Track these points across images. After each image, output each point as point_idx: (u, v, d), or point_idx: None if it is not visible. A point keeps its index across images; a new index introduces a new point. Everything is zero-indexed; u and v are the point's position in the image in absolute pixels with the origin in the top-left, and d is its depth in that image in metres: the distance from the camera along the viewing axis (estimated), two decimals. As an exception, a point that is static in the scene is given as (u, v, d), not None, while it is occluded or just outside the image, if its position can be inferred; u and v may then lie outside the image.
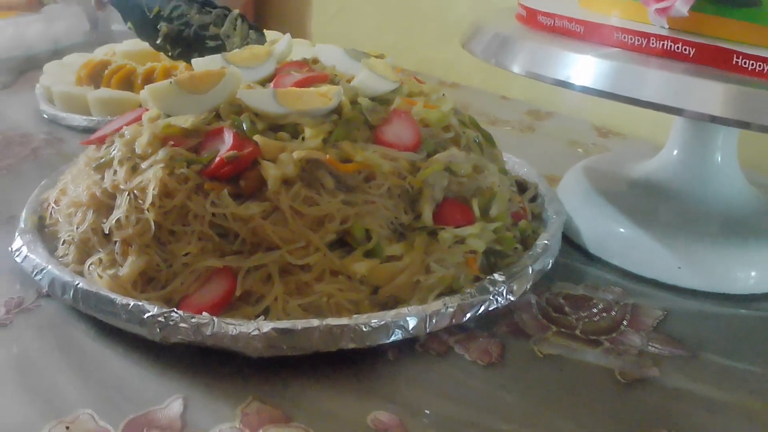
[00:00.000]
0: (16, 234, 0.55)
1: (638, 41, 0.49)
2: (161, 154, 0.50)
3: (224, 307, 0.46)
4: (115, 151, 0.53)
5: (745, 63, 0.44)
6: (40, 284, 0.50)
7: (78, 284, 0.47)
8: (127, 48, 0.97)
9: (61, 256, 0.52)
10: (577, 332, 0.49)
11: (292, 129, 0.52)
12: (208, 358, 0.44)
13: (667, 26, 0.50)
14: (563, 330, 0.49)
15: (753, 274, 0.54)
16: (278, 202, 0.47)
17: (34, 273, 0.50)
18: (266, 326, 0.43)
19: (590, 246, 0.60)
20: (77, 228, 0.51)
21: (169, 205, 0.48)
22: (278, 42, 0.68)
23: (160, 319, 0.43)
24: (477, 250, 0.50)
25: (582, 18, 0.54)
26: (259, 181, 0.48)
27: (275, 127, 0.52)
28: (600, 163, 0.71)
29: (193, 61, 0.64)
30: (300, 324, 0.43)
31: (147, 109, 0.58)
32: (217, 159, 0.49)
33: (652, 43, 0.48)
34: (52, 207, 0.57)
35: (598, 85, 0.49)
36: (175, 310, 0.43)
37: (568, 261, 0.58)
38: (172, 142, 0.51)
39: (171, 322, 0.43)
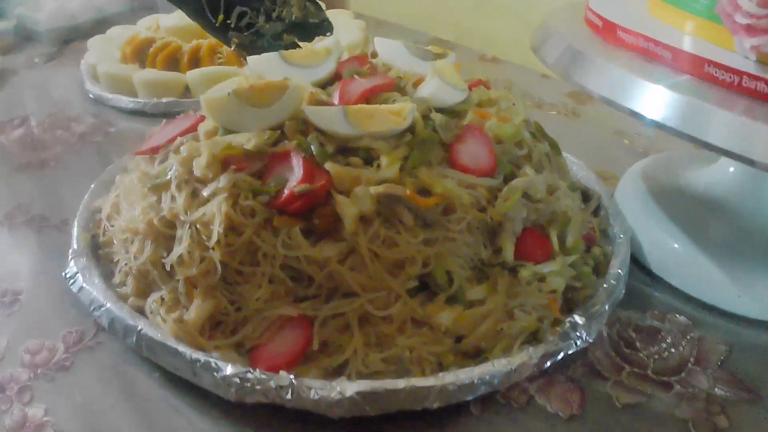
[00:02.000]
0: (70, 256, 0.45)
1: (729, 78, 0.39)
2: (223, 181, 0.41)
3: (300, 359, 0.37)
4: (171, 171, 0.44)
5: None
6: (99, 320, 0.42)
7: (141, 330, 0.38)
8: (172, 23, 0.83)
9: (119, 285, 0.44)
10: (650, 372, 0.41)
11: (365, 153, 0.42)
12: (285, 415, 0.36)
13: (754, 59, 0.40)
14: (636, 370, 0.41)
15: None
16: (356, 244, 0.38)
17: (92, 308, 0.41)
18: (349, 389, 0.35)
19: (653, 265, 0.51)
20: (135, 258, 0.43)
21: (237, 243, 0.39)
22: (324, 40, 0.57)
23: (235, 380, 0.35)
24: (558, 289, 0.42)
25: (670, 43, 0.43)
26: (333, 218, 0.39)
27: (346, 149, 0.43)
28: (656, 168, 0.60)
29: (250, 59, 0.53)
30: (384, 385, 0.35)
31: (202, 116, 0.49)
32: (287, 192, 0.39)
33: (745, 83, 0.38)
34: (105, 224, 0.48)
35: (675, 124, 0.40)
36: (251, 370, 0.35)
37: (634, 282, 0.49)
38: (233, 166, 0.42)
39: (247, 384, 0.35)
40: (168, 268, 0.41)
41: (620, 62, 0.44)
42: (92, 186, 0.54)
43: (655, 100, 0.40)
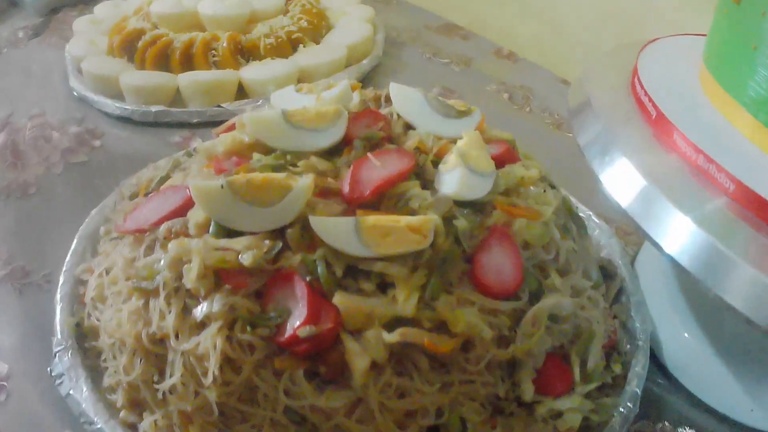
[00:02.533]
0: (54, 348, 0.41)
1: None
2: (218, 304, 0.35)
3: None
4: (159, 278, 0.38)
5: None
6: None
7: None
8: (163, 10, 0.73)
9: (108, 391, 0.39)
10: None
11: (378, 277, 0.37)
12: None
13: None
14: None
15: None
16: (365, 395, 0.34)
17: (82, 420, 0.38)
18: None
19: (670, 365, 0.47)
20: (125, 373, 0.38)
21: (234, 381, 0.35)
22: (334, 88, 0.49)
23: None
24: (574, 426, 0.38)
25: (737, 176, 0.36)
26: (341, 365, 0.35)
27: (356, 270, 0.37)
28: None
29: (249, 120, 0.46)
30: None
31: (189, 192, 0.42)
32: (290, 331, 0.34)
33: None
34: (89, 309, 0.43)
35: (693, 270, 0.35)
36: None
37: (649, 384, 0.44)
38: (228, 286, 0.37)
39: None
40: (161, 395, 0.36)
41: (654, 174, 0.38)
42: (74, 243, 0.48)
43: (678, 232, 0.35)
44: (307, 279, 0.36)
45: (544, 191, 0.44)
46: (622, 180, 0.40)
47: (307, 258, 0.36)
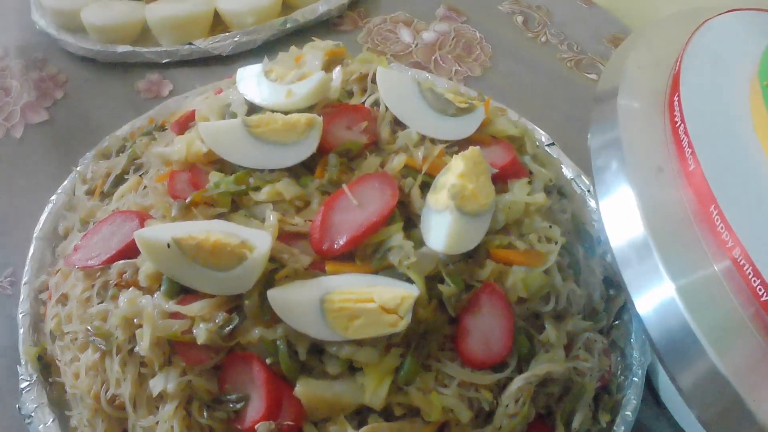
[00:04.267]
0: (21, 382, 0.36)
1: None
2: (172, 384, 0.30)
3: None
4: (113, 338, 0.32)
5: None
6: None
7: None
8: None
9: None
10: None
11: (345, 362, 0.30)
12: None
13: None
14: None
15: None
16: (329, 497, 0.30)
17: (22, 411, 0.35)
18: None
19: (663, 395, 0.41)
20: (90, 427, 0.33)
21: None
22: (309, 80, 0.37)
23: None
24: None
25: (748, 249, 0.27)
26: (303, 460, 0.30)
27: (320, 350, 0.30)
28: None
29: (203, 127, 0.35)
30: None
31: (138, 218, 0.34)
32: (249, 422, 0.29)
33: None
34: (49, 339, 0.37)
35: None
36: None
37: (640, 414, 0.38)
38: (184, 364, 0.30)
39: None
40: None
41: (660, 219, 0.30)
42: (32, 249, 0.41)
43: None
44: (267, 361, 0.30)
45: (550, 226, 0.35)
46: (620, 214, 0.32)
47: (266, 338, 0.30)
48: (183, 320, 0.31)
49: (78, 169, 0.45)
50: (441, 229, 0.32)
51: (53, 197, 0.44)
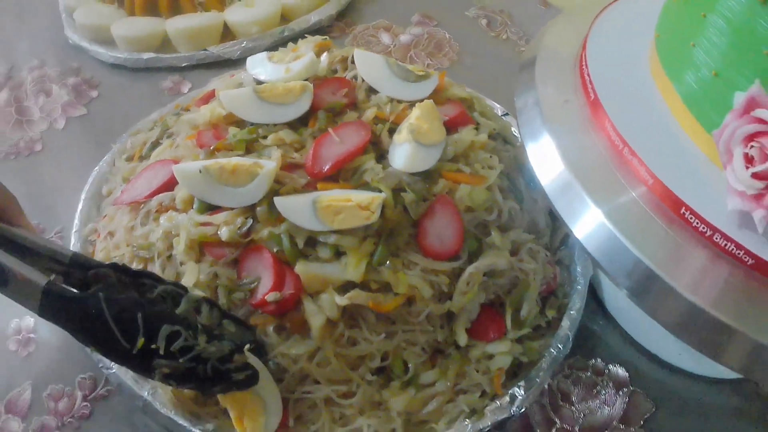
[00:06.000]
0: None
1: (699, 225, 0.39)
2: (203, 273, 0.44)
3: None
4: (155, 248, 0.47)
5: None
6: (108, 377, 0.48)
7: (146, 399, 0.45)
8: None
9: None
10: (577, 429, 0.48)
11: (333, 248, 0.45)
12: None
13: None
14: (566, 426, 0.48)
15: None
16: (322, 346, 0.44)
17: (100, 365, 0.48)
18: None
19: (608, 305, 0.55)
20: None
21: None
22: (302, 60, 0.54)
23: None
24: (503, 367, 0.47)
25: (656, 172, 0.40)
26: (303, 321, 0.44)
27: (314, 241, 0.45)
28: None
29: (223, 94, 0.52)
30: (346, 462, 0.44)
31: (174, 164, 0.49)
32: (260, 296, 0.43)
33: (715, 237, 0.38)
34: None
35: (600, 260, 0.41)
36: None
37: (587, 322, 0.53)
38: (210, 258, 0.45)
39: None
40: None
41: (575, 158, 0.44)
42: (80, 205, 0.57)
43: (588, 222, 0.41)
44: (274, 250, 0.44)
45: (491, 156, 0.50)
46: (545, 157, 0.45)
47: (273, 233, 0.44)
48: (211, 227, 0.46)
49: (116, 145, 0.61)
50: (402, 155, 0.47)
51: (96, 168, 0.60)
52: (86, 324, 0.37)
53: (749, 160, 0.37)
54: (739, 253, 0.38)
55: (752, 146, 0.37)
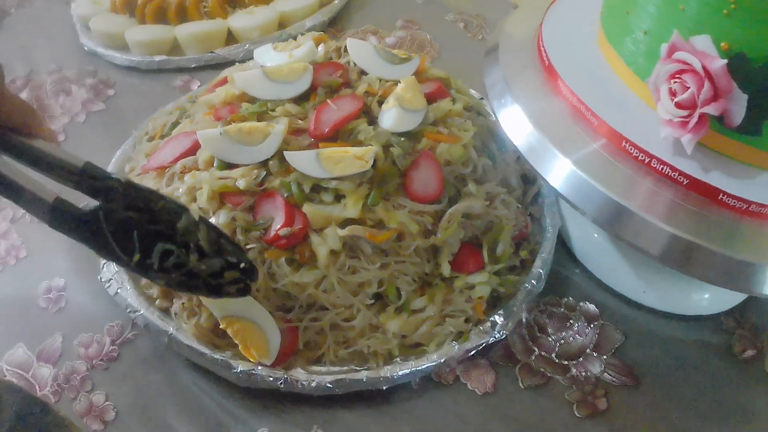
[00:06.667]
0: (102, 263, 0.60)
1: (642, 156, 0.50)
2: (223, 217, 0.55)
3: (291, 354, 0.54)
4: (180, 199, 0.57)
5: (729, 200, 0.48)
6: (135, 320, 0.57)
7: (171, 333, 0.55)
8: None
9: (146, 287, 0.59)
10: (554, 356, 0.58)
11: (334, 191, 0.56)
12: (281, 394, 0.54)
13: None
14: (543, 354, 0.58)
15: (706, 296, 0.62)
16: (327, 272, 0.54)
17: (128, 310, 0.57)
18: (325, 380, 0.53)
19: (577, 252, 0.66)
20: None
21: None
22: (302, 47, 0.66)
23: (245, 374, 0.53)
24: (484, 296, 0.58)
25: (610, 122, 0.52)
26: (310, 253, 0.54)
27: (319, 187, 0.56)
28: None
29: (236, 75, 0.63)
30: (349, 376, 0.53)
31: (197, 137, 0.60)
32: (274, 232, 0.54)
33: (653, 164, 0.50)
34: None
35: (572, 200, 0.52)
36: (256, 367, 0.53)
37: (559, 268, 0.64)
38: (229, 204, 0.56)
39: (254, 376, 0.53)
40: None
41: (541, 119, 0.56)
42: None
43: (559, 170, 0.53)
44: (285, 195, 0.55)
45: (466, 121, 0.62)
46: (514, 122, 0.57)
47: (284, 181, 0.55)
48: (230, 179, 0.57)
49: (136, 131, 0.72)
50: (390, 118, 0.58)
51: (118, 151, 0.71)
52: (89, 237, 0.45)
53: (673, 93, 0.48)
54: (674, 175, 0.50)
55: (675, 82, 0.48)
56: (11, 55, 0.88)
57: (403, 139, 0.58)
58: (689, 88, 0.47)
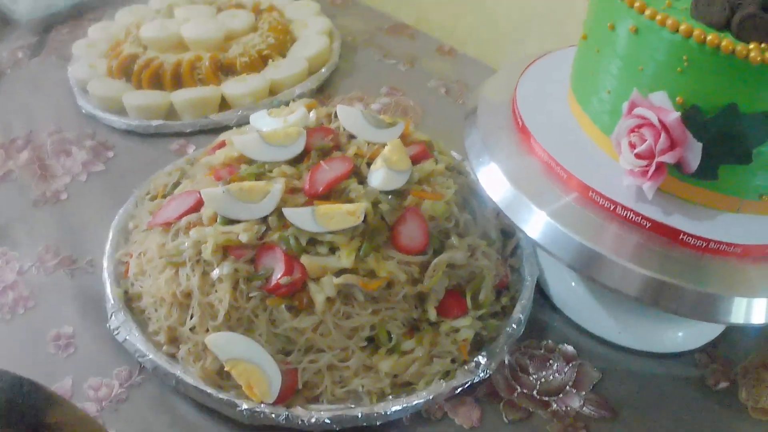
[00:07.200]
0: (110, 311, 0.69)
1: (608, 204, 0.61)
2: (226, 268, 0.65)
3: (291, 394, 0.63)
4: (185, 254, 0.67)
5: (690, 240, 0.58)
6: (143, 365, 0.66)
7: (178, 376, 0.64)
8: (151, 34, 1.03)
9: (153, 334, 0.68)
10: (535, 393, 0.68)
11: (329, 244, 0.66)
12: (283, 429, 0.62)
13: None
14: (525, 391, 0.68)
15: (680, 334, 0.72)
16: (324, 318, 0.64)
17: (137, 355, 0.66)
18: (323, 416, 0.62)
19: (555, 298, 0.76)
20: (165, 319, 0.67)
21: (237, 316, 0.64)
22: (295, 113, 0.78)
23: (248, 412, 0.62)
24: (468, 338, 0.67)
25: (579, 177, 0.63)
26: (308, 300, 0.64)
27: (314, 240, 0.66)
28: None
29: (235, 138, 0.75)
30: (346, 413, 0.62)
31: (200, 195, 0.71)
32: (274, 282, 0.63)
33: (619, 210, 0.61)
34: (132, 280, 0.72)
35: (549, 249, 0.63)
36: (259, 405, 0.62)
37: (538, 313, 0.74)
38: (232, 256, 0.65)
39: (257, 414, 0.62)
40: (189, 329, 0.66)
41: (517, 176, 0.67)
42: (110, 235, 0.77)
43: (535, 222, 0.64)
44: (284, 248, 0.65)
45: (447, 179, 0.73)
46: (492, 179, 0.68)
47: (282, 235, 0.65)
48: (232, 234, 0.66)
49: (137, 190, 0.82)
50: (378, 177, 0.70)
51: (121, 209, 0.81)
52: None
53: (633, 145, 0.59)
54: (638, 219, 0.60)
55: (634, 135, 0.59)
56: (10, 115, 0.99)
57: (390, 196, 0.69)
58: (647, 140, 0.57)
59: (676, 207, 0.61)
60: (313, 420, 0.62)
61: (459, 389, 0.66)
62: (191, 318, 0.66)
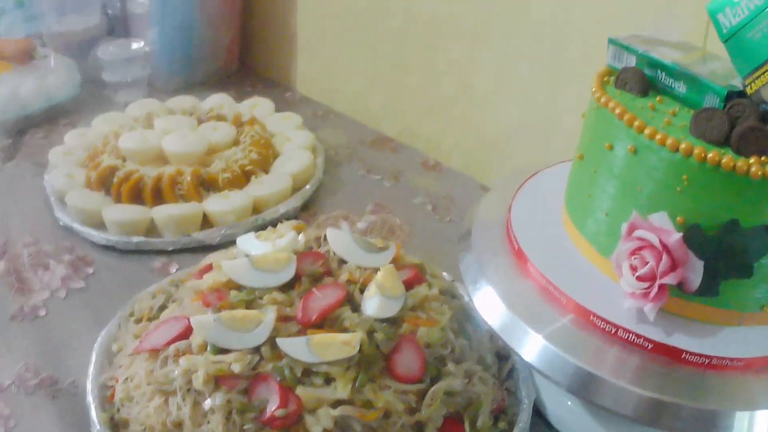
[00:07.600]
0: (95, 431, 0.71)
1: (608, 327, 0.65)
2: (219, 399, 0.67)
3: None
4: (176, 383, 0.69)
5: (692, 358, 0.62)
6: None
7: None
8: (130, 145, 1.08)
9: None
10: None
11: (324, 375, 0.69)
12: None
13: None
14: None
15: None
16: (321, 451, 0.66)
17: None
18: None
19: (553, 420, 0.79)
20: None
21: (232, 451, 0.66)
22: (285, 237, 0.82)
23: None
24: (466, 469, 0.71)
25: (567, 292, 0.68)
26: (305, 430, 0.66)
27: (309, 371, 0.69)
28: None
29: (224, 263, 0.78)
30: None
31: (188, 322, 0.73)
32: (269, 414, 0.65)
33: (620, 333, 0.64)
34: (119, 405, 0.73)
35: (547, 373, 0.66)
36: None
37: None
38: (225, 387, 0.68)
39: None
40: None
41: (513, 300, 0.72)
42: (93, 357, 0.78)
43: (532, 345, 0.68)
44: (278, 379, 0.67)
45: (442, 305, 0.77)
46: (488, 303, 0.73)
47: (276, 365, 0.68)
48: (224, 363, 0.69)
49: (120, 311, 0.84)
50: (372, 305, 0.74)
51: (104, 330, 0.82)
52: None
53: (634, 269, 0.62)
54: (640, 341, 0.64)
55: (635, 258, 0.62)
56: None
57: (385, 324, 0.73)
58: (648, 262, 0.60)
59: (677, 326, 0.64)
60: None
61: None
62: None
